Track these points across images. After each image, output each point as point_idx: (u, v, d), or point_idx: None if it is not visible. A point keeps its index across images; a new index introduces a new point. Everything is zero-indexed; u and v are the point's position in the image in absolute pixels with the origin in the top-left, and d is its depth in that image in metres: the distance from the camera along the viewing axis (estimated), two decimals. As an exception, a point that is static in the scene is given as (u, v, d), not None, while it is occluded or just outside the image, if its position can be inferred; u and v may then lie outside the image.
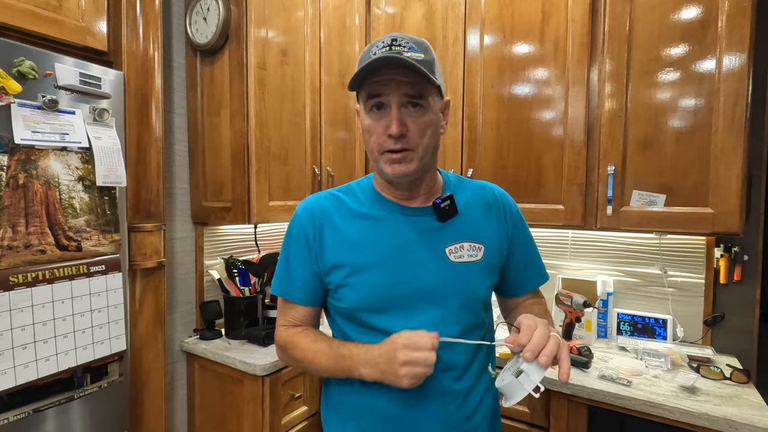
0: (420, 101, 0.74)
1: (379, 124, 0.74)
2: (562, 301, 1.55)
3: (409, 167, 0.75)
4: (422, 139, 0.75)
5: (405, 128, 0.73)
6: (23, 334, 1.04)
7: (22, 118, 1.04)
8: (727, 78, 1.26)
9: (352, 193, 0.87)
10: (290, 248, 0.86)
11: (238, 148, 1.58)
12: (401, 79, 0.71)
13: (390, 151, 0.74)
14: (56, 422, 1.13)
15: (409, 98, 0.73)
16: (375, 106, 0.75)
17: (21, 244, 1.04)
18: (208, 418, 1.66)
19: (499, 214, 0.88)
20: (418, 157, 0.76)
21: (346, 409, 0.85)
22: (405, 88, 0.72)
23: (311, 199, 0.87)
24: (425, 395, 0.79)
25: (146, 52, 1.37)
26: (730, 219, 1.27)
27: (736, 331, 1.52)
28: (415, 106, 0.74)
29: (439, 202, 0.80)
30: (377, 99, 0.74)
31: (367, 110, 0.76)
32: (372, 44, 0.75)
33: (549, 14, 1.52)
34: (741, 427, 1.06)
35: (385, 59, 0.69)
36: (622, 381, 1.26)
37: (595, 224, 1.47)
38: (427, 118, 0.75)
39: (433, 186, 0.85)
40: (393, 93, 0.72)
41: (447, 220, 0.81)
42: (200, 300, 1.76)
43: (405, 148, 0.74)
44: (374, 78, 0.73)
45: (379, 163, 0.77)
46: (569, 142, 1.49)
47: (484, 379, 0.86)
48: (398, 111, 0.72)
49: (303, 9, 1.73)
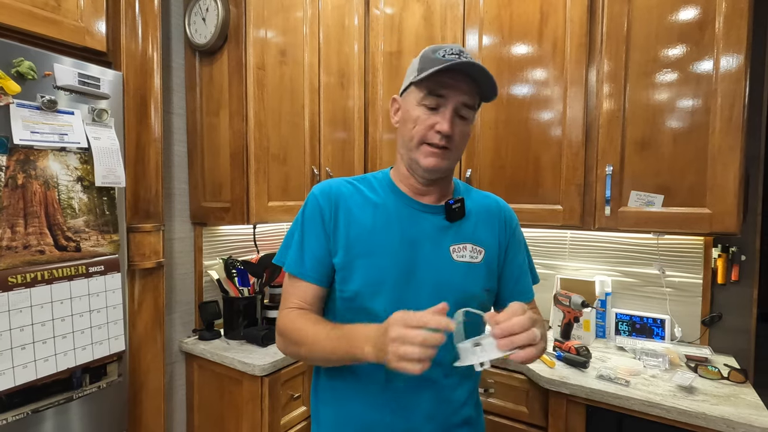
0: (470, 113, 0.81)
1: (430, 117, 0.79)
2: (561, 302, 1.55)
3: (443, 162, 0.81)
4: (460, 146, 0.83)
5: (452, 131, 0.79)
6: (22, 335, 1.04)
7: (21, 119, 1.04)
8: (724, 79, 1.27)
9: (367, 182, 0.91)
10: (305, 226, 0.86)
11: (237, 148, 1.58)
12: (464, 87, 0.78)
13: (431, 144, 0.80)
14: (55, 423, 1.13)
15: (465, 106, 0.79)
16: (432, 102, 0.79)
17: (20, 245, 1.04)
18: (207, 419, 1.66)
19: (500, 222, 0.92)
20: (453, 158, 0.83)
21: (334, 393, 0.87)
22: (465, 97, 0.79)
23: (329, 182, 0.90)
24: (413, 388, 0.81)
25: (145, 52, 1.37)
26: (728, 219, 1.27)
27: (733, 331, 1.52)
28: (462, 118, 0.80)
29: (451, 203, 0.85)
30: (438, 98, 0.79)
31: (418, 102, 0.81)
32: (437, 46, 0.80)
33: (547, 15, 1.52)
34: (738, 426, 1.07)
35: (468, 65, 0.75)
36: (620, 381, 1.26)
37: (593, 224, 1.48)
38: (467, 128, 0.83)
39: (447, 188, 0.90)
40: (453, 97, 0.78)
41: (455, 221, 0.86)
42: (199, 300, 1.76)
43: (446, 146, 0.80)
44: (443, 77, 0.77)
45: (415, 152, 0.82)
46: (567, 142, 1.50)
47: (474, 376, 0.91)
48: (452, 114, 0.78)
49: (302, 9, 1.73)
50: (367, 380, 0.83)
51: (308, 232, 0.86)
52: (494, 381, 1.45)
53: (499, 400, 1.45)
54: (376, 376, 0.82)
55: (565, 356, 1.40)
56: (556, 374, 1.32)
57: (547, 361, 1.39)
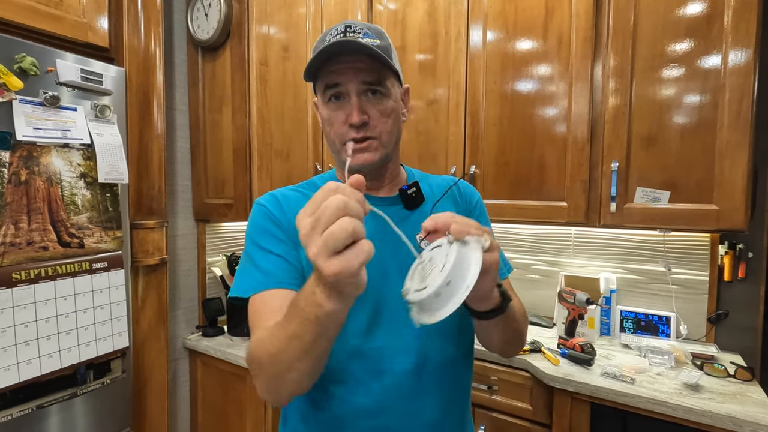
0: (379, 88, 0.72)
1: (338, 114, 0.72)
2: (565, 299, 1.54)
3: (374, 156, 0.72)
4: (384, 126, 0.73)
5: (366, 116, 0.70)
6: (26, 331, 1.04)
7: (24, 115, 1.04)
8: (732, 73, 1.25)
9: (313, 186, 0.82)
10: (258, 237, 0.74)
11: (240, 144, 1.57)
12: (359, 66, 0.69)
13: (352, 140, 0.71)
14: (59, 418, 1.14)
15: (368, 85, 0.70)
16: (333, 96, 0.72)
17: (23, 241, 1.04)
18: (210, 415, 1.66)
19: (460, 198, 0.86)
20: (383, 145, 0.73)
21: None
22: (363, 75, 0.70)
23: (271, 192, 0.80)
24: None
25: (148, 48, 1.37)
26: (736, 216, 1.26)
27: (740, 329, 1.51)
28: (374, 94, 0.72)
29: (405, 189, 0.78)
30: (335, 89, 0.71)
31: (325, 101, 0.74)
32: (326, 32, 0.72)
33: (552, 9, 1.51)
34: (745, 424, 1.06)
35: (341, 44, 0.66)
36: (626, 378, 1.26)
37: (598, 221, 1.47)
38: (387, 104, 0.73)
39: (397, 176, 0.83)
40: (351, 81, 0.70)
41: (414, 207, 0.79)
42: (202, 297, 1.76)
43: (368, 136, 0.71)
44: (331, 67, 0.70)
45: (341, 154, 0.73)
46: (572, 138, 1.48)
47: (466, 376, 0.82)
48: (358, 99, 0.70)
49: (304, 5, 1.72)
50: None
51: (263, 242, 0.73)
52: (498, 378, 1.45)
53: (502, 398, 1.44)
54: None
55: (569, 353, 1.39)
56: (561, 371, 1.31)
57: (552, 358, 1.39)
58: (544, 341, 1.52)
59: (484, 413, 1.46)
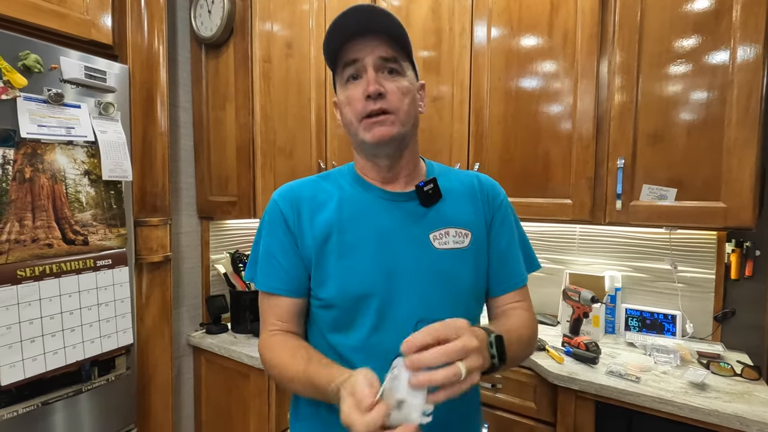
0: (395, 66, 0.73)
1: (356, 90, 0.72)
2: (570, 297, 1.53)
3: (391, 130, 0.71)
4: (401, 104, 0.72)
5: (383, 89, 0.71)
6: (31, 328, 1.05)
7: (28, 112, 1.04)
8: (741, 69, 1.23)
9: (331, 178, 0.83)
10: (269, 235, 0.78)
11: (243, 141, 1.57)
12: (373, 41, 0.71)
13: (369, 116, 0.71)
14: (64, 415, 1.14)
15: (385, 61, 0.72)
16: (351, 76, 0.73)
17: (28, 238, 1.05)
18: (214, 412, 1.66)
19: (483, 197, 0.83)
20: (400, 121, 0.72)
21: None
22: (380, 50, 0.71)
23: (289, 184, 0.82)
24: None
25: (151, 45, 1.37)
26: (743, 213, 1.24)
27: (747, 327, 1.50)
28: (391, 72, 0.73)
29: (422, 185, 0.76)
30: (353, 66, 0.72)
31: (343, 83, 0.74)
32: (345, 10, 0.73)
33: (558, 5, 1.49)
34: (752, 424, 1.05)
35: (365, 12, 0.69)
36: (631, 377, 1.25)
37: (603, 219, 1.46)
38: (404, 83, 0.73)
39: (415, 168, 0.82)
40: (368, 56, 0.71)
41: (431, 205, 0.77)
42: (206, 294, 1.77)
43: (385, 109, 0.71)
44: (346, 45, 0.72)
45: (359, 132, 0.73)
46: (578, 135, 1.47)
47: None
48: (374, 72, 0.71)
49: (308, 2, 1.71)
50: None
51: (273, 242, 0.78)
52: (502, 376, 1.44)
53: (506, 396, 1.44)
54: None
55: (574, 352, 1.39)
56: (565, 370, 1.30)
57: (556, 356, 1.38)
58: (549, 339, 1.51)
59: (488, 411, 1.45)
